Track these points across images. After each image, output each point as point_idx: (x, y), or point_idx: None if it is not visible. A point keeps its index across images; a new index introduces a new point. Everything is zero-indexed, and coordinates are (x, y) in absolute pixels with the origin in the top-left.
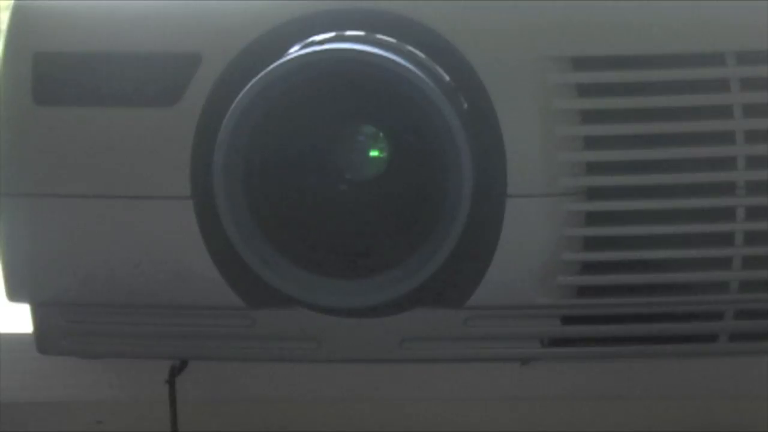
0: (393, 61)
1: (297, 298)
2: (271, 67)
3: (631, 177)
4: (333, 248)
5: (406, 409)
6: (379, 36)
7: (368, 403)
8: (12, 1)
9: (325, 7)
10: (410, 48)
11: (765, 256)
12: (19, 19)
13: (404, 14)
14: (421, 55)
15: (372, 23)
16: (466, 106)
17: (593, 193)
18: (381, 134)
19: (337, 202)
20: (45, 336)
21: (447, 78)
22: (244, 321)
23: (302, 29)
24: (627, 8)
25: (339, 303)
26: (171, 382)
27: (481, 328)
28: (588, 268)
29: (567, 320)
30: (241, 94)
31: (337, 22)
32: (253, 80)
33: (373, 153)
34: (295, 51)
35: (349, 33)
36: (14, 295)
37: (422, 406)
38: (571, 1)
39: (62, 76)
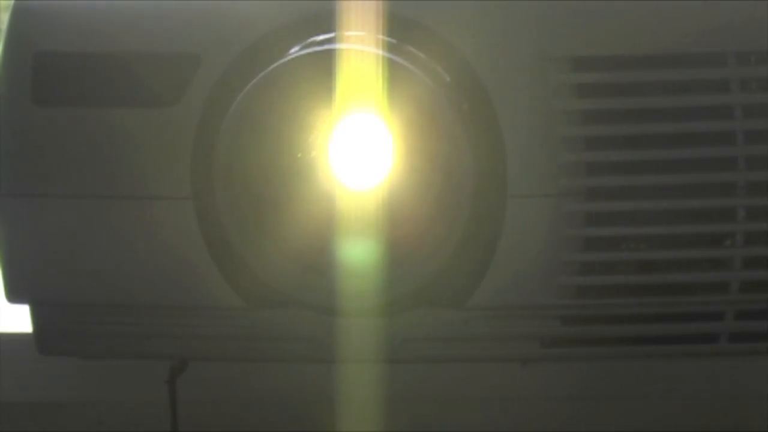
0: (393, 62)
1: (297, 298)
2: (271, 67)
3: (631, 177)
4: (333, 248)
5: (406, 409)
6: (380, 36)
7: (368, 403)
8: (12, 1)
9: (325, 8)
10: (410, 48)
11: (765, 257)
12: (19, 19)
13: (404, 14)
14: (421, 55)
15: (372, 24)
16: (466, 106)
17: (593, 194)
18: (381, 134)
19: (337, 202)
20: (45, 336)
21: (447, 78)
22: (244, 321)
23: (302, 30)
24: (627, 8)
25: (339, 303)
26: (171, 382)
27: (481, 328)
28: (588, 268)
29: (567, 320)
30: (241, 95)
31: (337, 22)
32: (253, 80)
33: (373, 153)
34: (295, 51)
35: (349, 33)
36: (14, 295)
37: (422, 406)
38: (571, 1)
39: (62, 76)
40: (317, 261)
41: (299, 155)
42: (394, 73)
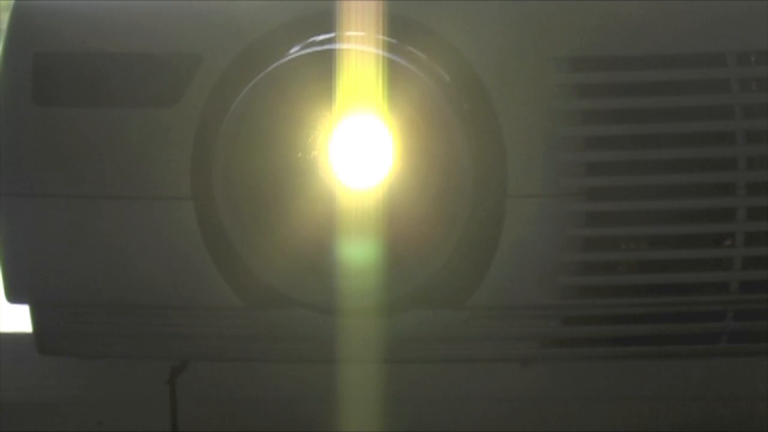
0: (393, 62)
1: (297, 298)
2: (271, 67)
3: (631, 177)
4: (333, 248)
5: (406, 408)
6: (380, 36)
7: (368, 403)
8: (12, 1)
9: (325, 8)
10: (410, 48)
11: (765, 257)
12: (19, 19)
13: (405, 15)
14: (422, 55)
15: (372, 24)
16: (466, 106)
17: (593, 194)
18: (381, 134)
19: (337, 202)
20: (45, 336)
21: (447, 78)
22: (244, 321)
23: (302, 30)
24: (627, 8)
25: (338, 303)
26: (171, 382)
27: (482, 329)
28: (588, 268)
29: (567, 321)
30: (241, 94)
31: (337, 22)
32: (253, 80)
33: (373, 153)
34: (295, 51)
35: (349, 33)
36: (14, 295)
37: (422, 406)
38: (571, 1)
39: (62, 76)
40: (317, 261)
41: (299, 155)
42: (394, 73)
